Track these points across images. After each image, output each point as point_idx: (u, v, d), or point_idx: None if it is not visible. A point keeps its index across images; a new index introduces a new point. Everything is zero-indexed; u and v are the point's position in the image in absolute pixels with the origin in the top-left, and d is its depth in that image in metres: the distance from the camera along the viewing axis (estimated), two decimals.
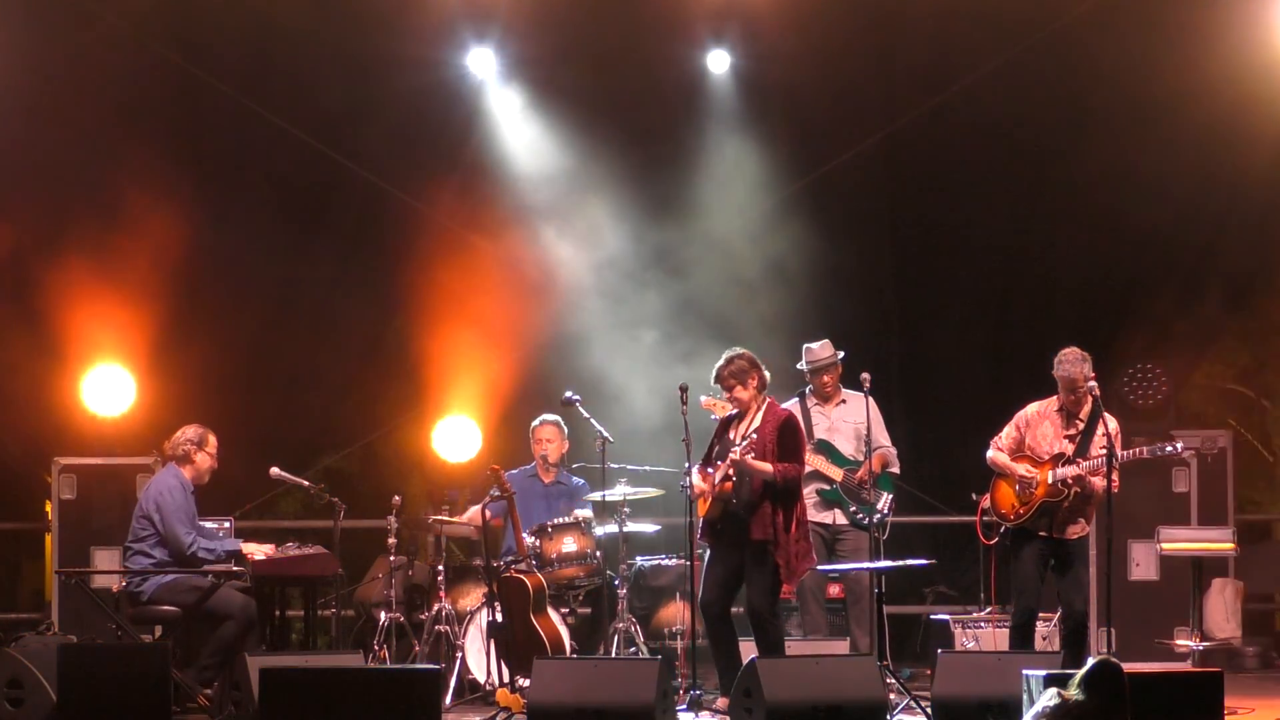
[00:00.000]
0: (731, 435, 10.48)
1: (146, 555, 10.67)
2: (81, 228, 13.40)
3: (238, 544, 10.91)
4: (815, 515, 11.52)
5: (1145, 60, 13.14)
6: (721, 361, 10.47)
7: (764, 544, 10.26)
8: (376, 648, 11.57)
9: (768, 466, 10.23)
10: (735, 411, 10.55)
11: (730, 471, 10.25)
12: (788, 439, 10.34)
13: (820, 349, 11.75)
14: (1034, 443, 10.67)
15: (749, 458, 10.18)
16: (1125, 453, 10.48)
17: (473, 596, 11.76)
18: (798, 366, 11.83)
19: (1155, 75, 13.14)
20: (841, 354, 11.80)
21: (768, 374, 10.50)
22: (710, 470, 10.36)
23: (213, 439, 10.95)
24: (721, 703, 10.34)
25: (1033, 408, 10.79)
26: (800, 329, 12.44)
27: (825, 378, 11.69)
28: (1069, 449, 10.58)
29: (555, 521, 11.68)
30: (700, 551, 10.54)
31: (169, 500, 10.64)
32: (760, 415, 10.43)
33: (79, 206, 13.45)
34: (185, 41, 13.50)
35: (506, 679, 10.81)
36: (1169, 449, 10.57)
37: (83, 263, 13.22)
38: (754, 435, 10.31)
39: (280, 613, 11.33)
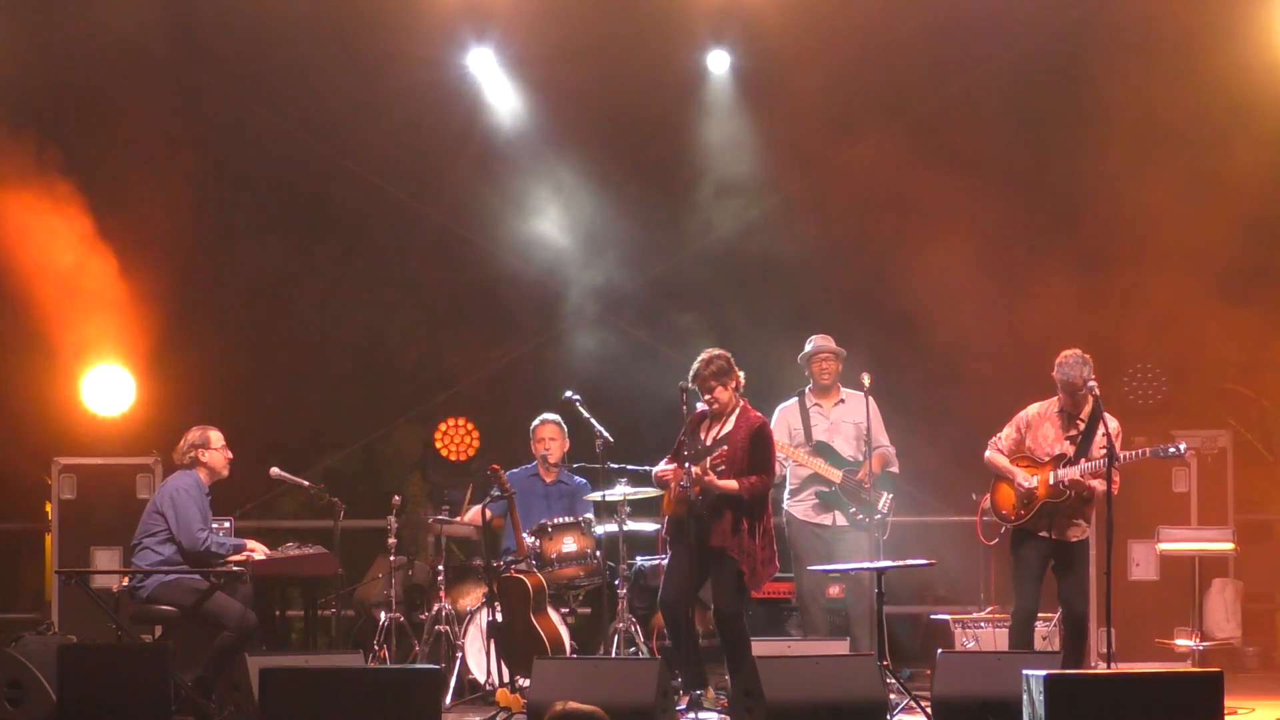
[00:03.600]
0: (703, 435, 10.31)
1: (154, 552, 10.67)
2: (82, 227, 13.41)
3: (243, 542, 10.93)
4: (814, 517, 11.52)
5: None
6: (699, 362, 10.28)
7: (728, 551, 10.14)
8: (376, 648, 11.57)
9: (733, 484, 10.08)
10: (708, 410, 10.32)
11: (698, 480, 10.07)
12: (759, 449, 10.18)
13: (823, 339, 11.76)
14: (1034, 444, 10.66)
15: (712, 478, 10.03)
16: (1127, 453, 10.47)
17: (473, 596, 11.75)
18: (799, 358, 11.81)
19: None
20: (844, 352, 11.79)
21: (743, 375, 10.36)
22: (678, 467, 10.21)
23: (214, 434, 10.94)
24: (683, 699, 10.27)
25: (1033, 409, 10.77)
26: (800, 328, 12.43)
27: (825, 364, 11.64)
28: (1070, 450, 10.57)
29: (555, 521, 11.66)
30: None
31: (183, 497, 10.66)
32: (734, 419, 10.28)
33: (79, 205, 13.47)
34: (185, 41, 13.50)
35: (506, 679, 10.81)
36: (1172, 450, 10.55)
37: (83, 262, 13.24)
38: (725, 445, 10.16)
39: (280, 613, 11.33)
